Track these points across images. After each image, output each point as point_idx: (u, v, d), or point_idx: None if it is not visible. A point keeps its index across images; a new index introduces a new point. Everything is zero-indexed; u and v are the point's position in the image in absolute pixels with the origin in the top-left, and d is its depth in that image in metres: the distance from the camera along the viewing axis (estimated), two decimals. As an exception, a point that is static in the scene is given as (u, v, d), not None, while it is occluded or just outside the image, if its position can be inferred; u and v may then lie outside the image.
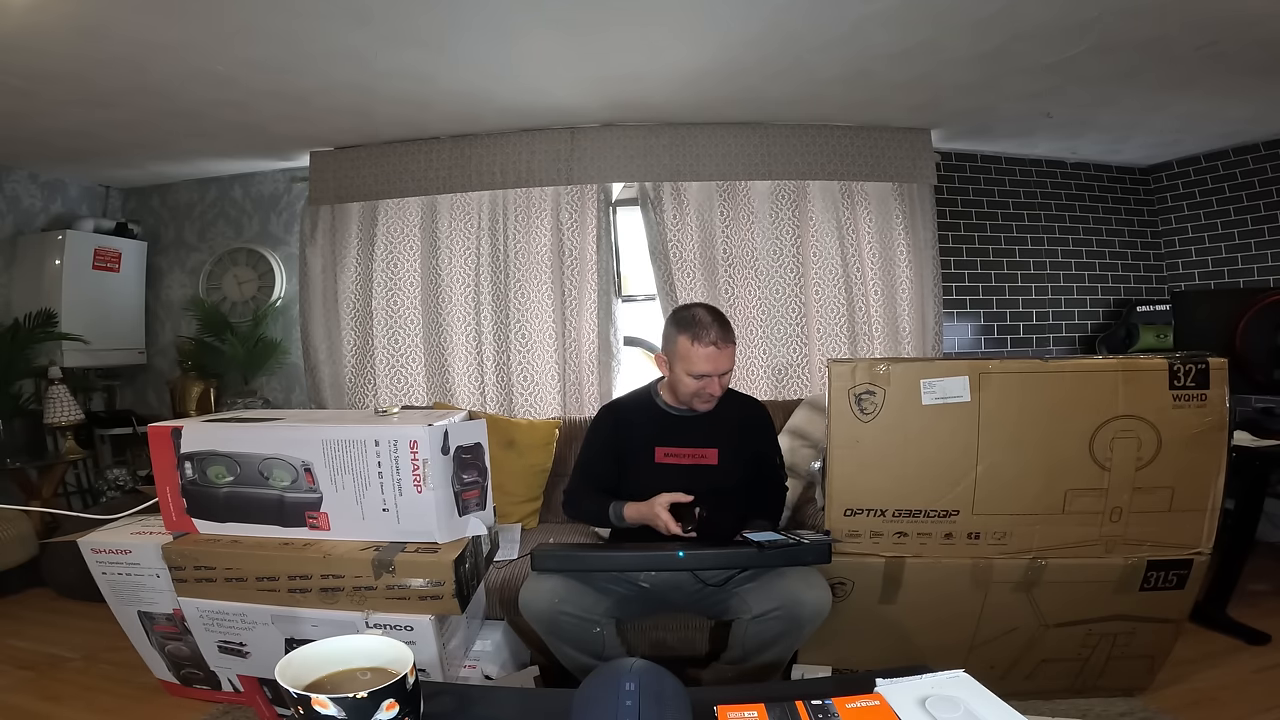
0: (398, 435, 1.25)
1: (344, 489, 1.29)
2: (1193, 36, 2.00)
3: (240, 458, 1.30)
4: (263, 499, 1.31)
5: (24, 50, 1.92)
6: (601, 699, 0.69)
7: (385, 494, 1.28)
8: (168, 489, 1.35)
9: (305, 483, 1.29)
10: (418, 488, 1.26)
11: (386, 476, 1.27)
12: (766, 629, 1.41)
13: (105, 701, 1.76)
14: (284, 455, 1.28)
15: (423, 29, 1.92)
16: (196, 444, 1.32)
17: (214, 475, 1.31)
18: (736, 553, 1.43)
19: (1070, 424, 1.45)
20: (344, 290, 3.03)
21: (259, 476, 1.30)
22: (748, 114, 2.76)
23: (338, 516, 1.30)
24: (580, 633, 1.43)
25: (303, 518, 1.31)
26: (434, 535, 1.30)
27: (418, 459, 1.25)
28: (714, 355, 1.58)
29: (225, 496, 1.32)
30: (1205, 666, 1.81)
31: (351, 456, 1.27)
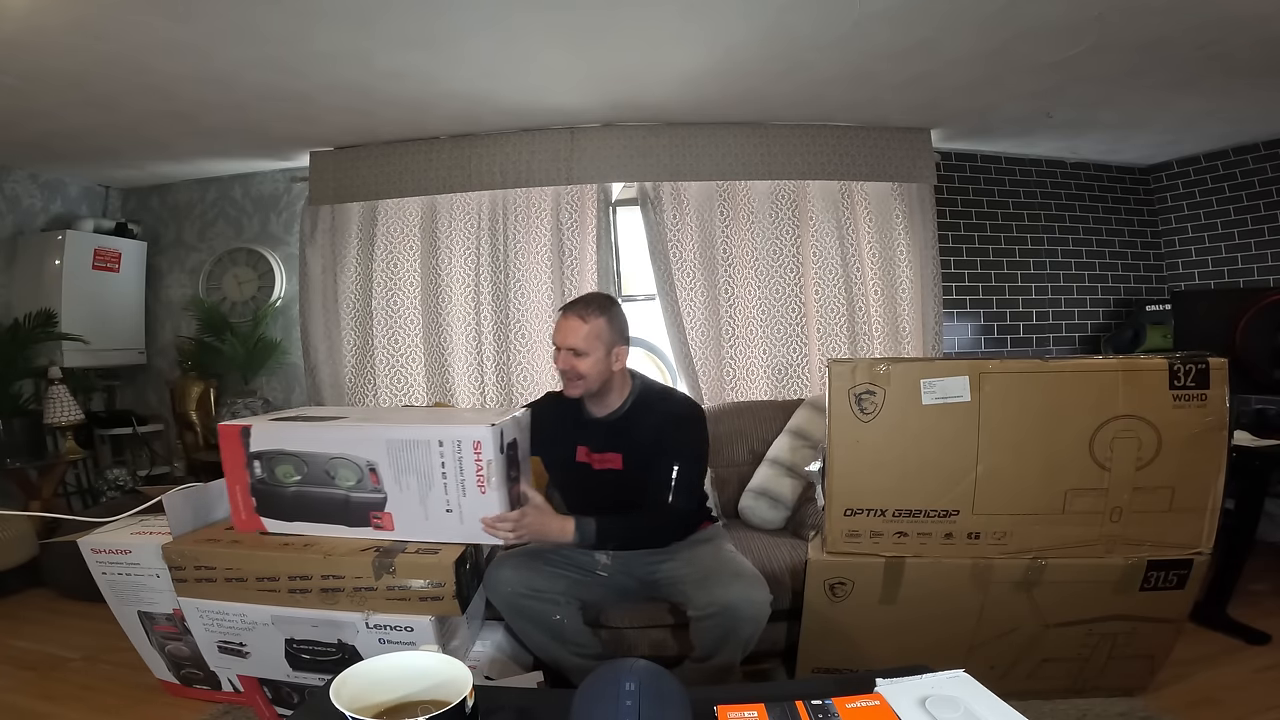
0: (461, 436, 1.23)
1: (408, 489, 1.27)
2: (1194, 36, 2.00)
3: (307, 457, 1.29)
4: (329, 498, 1.31)
5: (24, 50, 1.92)
6: (601, 699, 0.69)
7: (449, 494, 1.27)
8: (237, 488, 1.34)
9: (370, 483, 1.28)
10: (481, 488, 1.25)
11: (450, 477, 1.26)
12: (710, 631, 1.43)
13: (105, 701, 1.76)
14: (349, 455, 1.28)
15: (423, 30, 1.92)
16: (265, 443, 1.31)
17: (282, 474, 1.31)
18: None
19: (1070, 424, 1.44)
20: (344, 290, 3.03)
21: (325, 476, 1.29)
22: (748, 114, 2.76)
23: (402, 517, 1.30)
24: (541, 614, 1.50)
25: (367, 518, 1.30)
26: (491, 539, 1.30)
27: (481, 459, 1.24)
28: (559, 324, 1.52)
29: (292, 495, 1.32)
30: (1205, 666, 1.81)
31: (415, 457, 1.25)
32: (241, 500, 1.35)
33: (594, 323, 1.48)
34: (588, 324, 1.48)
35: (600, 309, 1.50)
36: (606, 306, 1.53)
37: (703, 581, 1.47)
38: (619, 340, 1.52)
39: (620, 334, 1.53)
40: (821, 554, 1.54)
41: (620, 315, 1.55)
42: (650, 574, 1.61)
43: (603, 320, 1.49)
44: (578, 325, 1.48)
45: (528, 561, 1.55)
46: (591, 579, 1.63)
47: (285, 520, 1.34)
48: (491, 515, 1.29)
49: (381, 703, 0.64)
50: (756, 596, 1.42)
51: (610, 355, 1.50)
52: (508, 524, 1.29)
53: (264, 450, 1.31)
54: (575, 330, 1.47)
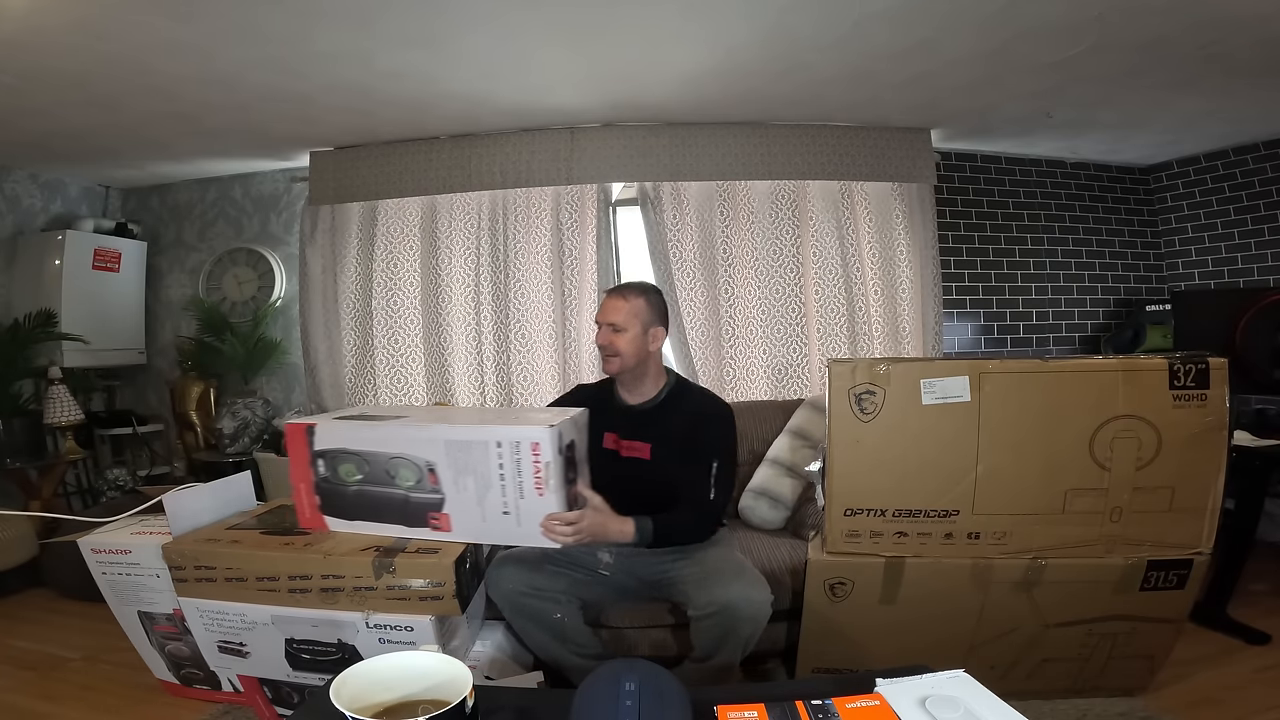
0: (520, 437, 1.22)
1: (465, 490, 1.27)
2: (1194, 36, 2.00)
3: (369, 456, 1.29)
4: (389, 498, 1.31)
5: (24, 50, 1.92)
6: (602, 699, 0.69)
7: (507, 496, 1.25)
8: (302, 486, 1.34)
9: (429, 483, 1.28)
10: (539, 490, 1.24)
11: (508, 479, 1.24)
12: (709, 630, 1.44)
13: (105, 701, 1.76)
14: (409, 455, 1.27)
15: (423, 30, 1.92)
16: (329, 442, 1.31)
17: (344, 473, 1.31)
18: None
19: (1070, 424, 1.45)
20: (344, 290, 3.03)
21: (386, 476, 1.29)
22: (748, 114, 2.76)
23: (459, 518, 1.29)
24: (542, 613, 1.51)
25: (425, 518, 1.30)
26: (548, 542, 1.28)
27: (540, 461, 1.22)
28: (603, 304, 1.64)
29: (354, 495, 1.32)
30: (1205, 666, 1.81)
31: (473, 458, 1.24)
32: (306, 498, 1.35)
33: (634, 301, 1.59)
34: (628, 302, 1.59)
35: (641, 292, 1.62)
36: (647, 290, 1.65)
37: (703, 581, 1.48)
38: (656, 321, 1.61)
39: (657, 316, 1.62)
40: (821, 554, 1.55)
41: (659, 300, 1.65)
42: (652, 574, 1.61)
43: (641, 300, 1.60)
44: (619, 303, 1.59)
45: (530, 560, 1.56)
46: (593, 578, 1.63)
47: (347, 519, 1.34)
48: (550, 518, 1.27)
49: (381, 703, 0.64)
50: (756, 596, 1.43)
51: (647, 334, 1.58)
52: (568, 526, 1.28)
53: (328, 449, 1.31)
54: (617, 308, 1.58)
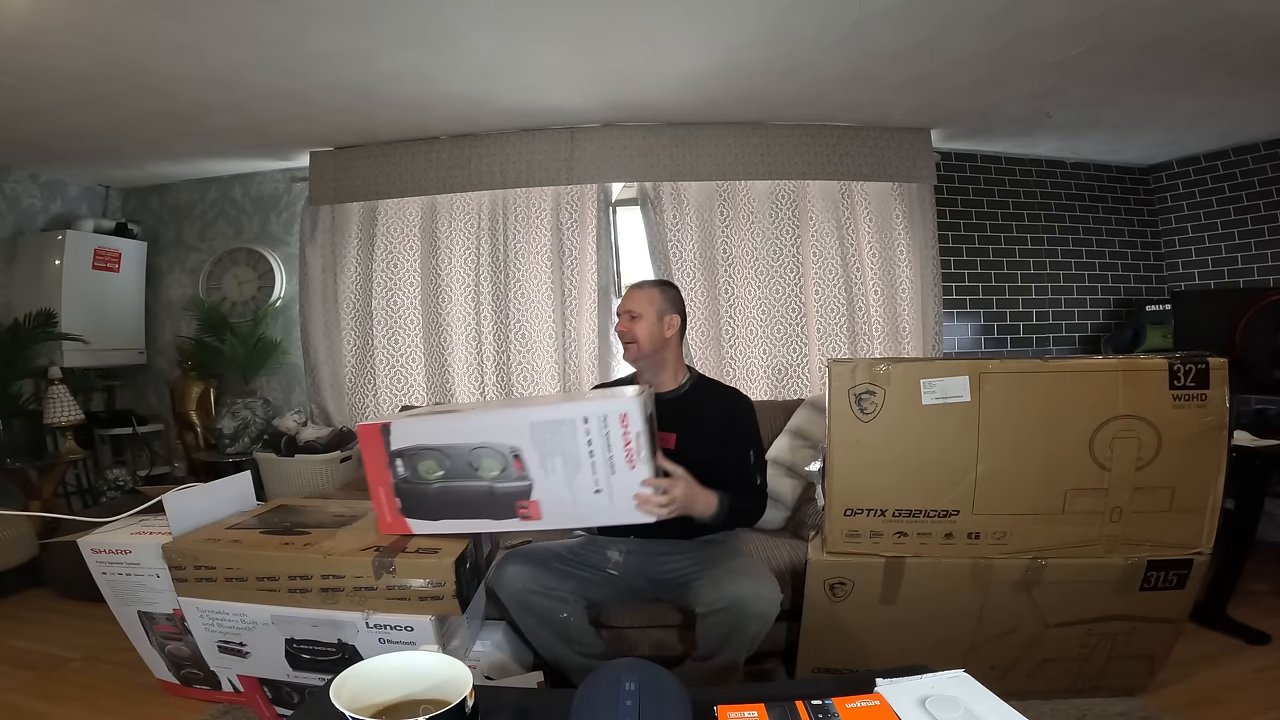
0: (608, 410, 1.18)
1: (554, 473, 1.22)
2: (1195, 36, 2.00)
3: (450, 450, 1.24)
4: (473, 492, 1.25)
5: (25, 51, 1.92)
6: (601, 699, 0.69)
7: (597, 474, 1.21)
8: (381, 490, 1.29)
9: (514, 470, 1.22)
10: (630, 463, 1.19)
11: (598, 455, 1.20)
12: (716, 627, 1.44)
13: (105, 701, 1.76)
14: (492, 443, 1.22)
15: (423, 29, 1.92)
16: (407, 439, 1.26)
17: (425, 471, 1.26)
18: None
19: (1070, 424, 1.44)
20: (344, 290, 3.03)
21: (468, 469, 1.24)
22: (748, 114, 2.76)
23: (549, 503, 1.24)
24: (548, 612, 1.51)
25: (513, 508, 1.25)
26: (643, 517, 1.24)
27: (629, 433, 1.18)
28: (627, 293, 1.72)
29: (436, 493, 1.27)
30: (1205, 666, 1.81)
31: (560, 438, 1.20)
32: (386, 502, 1.30)
33: (648, 291, 1.68)
34: (643, 291, 1.68)
35: (656, 284, 1.72)
36: (662, 283, 1.74)
37: (713, 577, 1.48)
38: (670, 309, 1.66)
39: (671, 305, 1.68)
40: (821, 554, 1.54)
41: (674, 293, 1.73)
42: (661, 573, 1.62)
43: (656, 290, 1.69)
44: (636, 293, 1.68)
45: (538, 558, 1.56)
46: (601, 578, 1.64)
47: (431, 520, 1.30)
48: (643, 490, 1.24)
49: (381, 703, 0.64)
50: (766, 593, 1.43)
51: (662, 321, 1.64)
52: (663, 495, 1.25)
53: (405, 448, 1.25)
54: (634, 297, 1.67)
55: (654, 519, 1.26)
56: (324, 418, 3.05)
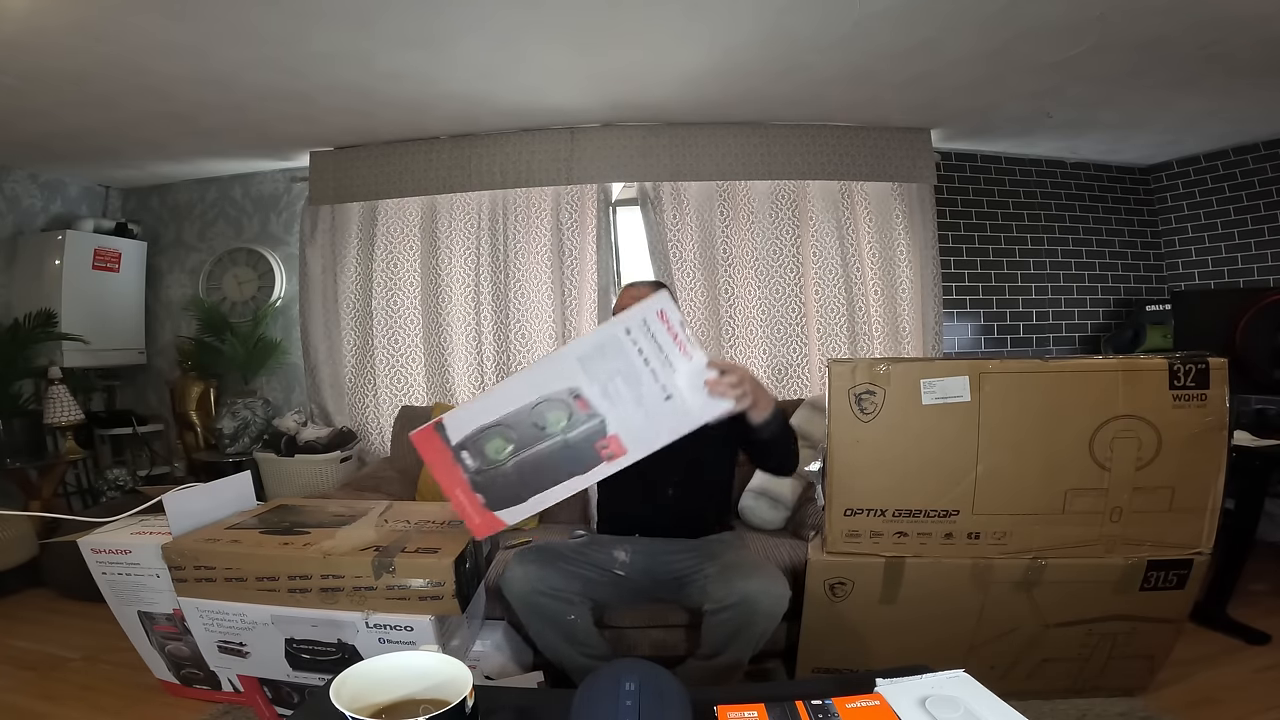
0: (644, 312, 1.14)
1: (619, 397, 1.16)
2: (1194, 36, 2.00)
3: (510, 420, 1.17)
4: (548, 453, 1.18)
5: (24, 51, 1.92)
6: (601, 699, 0.69)
7: (660, 378, 1.16)
8: (458, 492, 1.20)
9: (580, 411, 1.16)
10: (686, 353, 1.15)
11: (653, 358, 1.15)
12: (724, 625, 1.44)
13: (105, 701, 1.76)
14: (548, 394, 1.16)
15: (423, 30, 1.92)
16: (464, 427, 1.18)
17: (493, 452, 1.17)
18: None
19: (1070, 424, 1.44)
20: (344, 290, 3.03)
21: (535, 430, 1.16)
22: (748, 113, 2.76)
23: (626, 430, 1.17)
24: (557, 614, 1.51)
25: (595, 452, 1.18)
26: (718, 408, 1.18)
27: (672, 325, 1.14)
28: (623, 292, 1.76)
29: (513, 470, 1.18)
30: (1205, 666, 1.81)
31: (611, 358, 1.15)
32: (468, 502, 1.21)
33: (641, 289, 1.69)
34: (636, 289, 1.71)
35: (651, 285, 1.72)
36: (657, 285, 1.73)
37: (722, 574, 1.48)
38: None
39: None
40: (821, 554, 1.54)
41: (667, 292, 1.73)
42: (668, 573, 1.62)
43: (647, 288, 1.68)
44: (632, 292, 1.70)
45: (546, 559, 1.56)
46: (607, 578, 1.63)
47: (519, 503, 1.21)
48: (710, 374, 1.18)
49: (381, 703, 0.64)
50: (776, 590, 1.43)
51: None
52: (732, 375, 1.19)
53: (466, 435, 1.18)
54: (633, 295, 1.67)
55: (733, 406, 1.20)
56: (324, 418, 3.05)
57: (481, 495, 1.21)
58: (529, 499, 1.21)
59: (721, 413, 1.19)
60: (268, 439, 2.94)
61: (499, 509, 1.21)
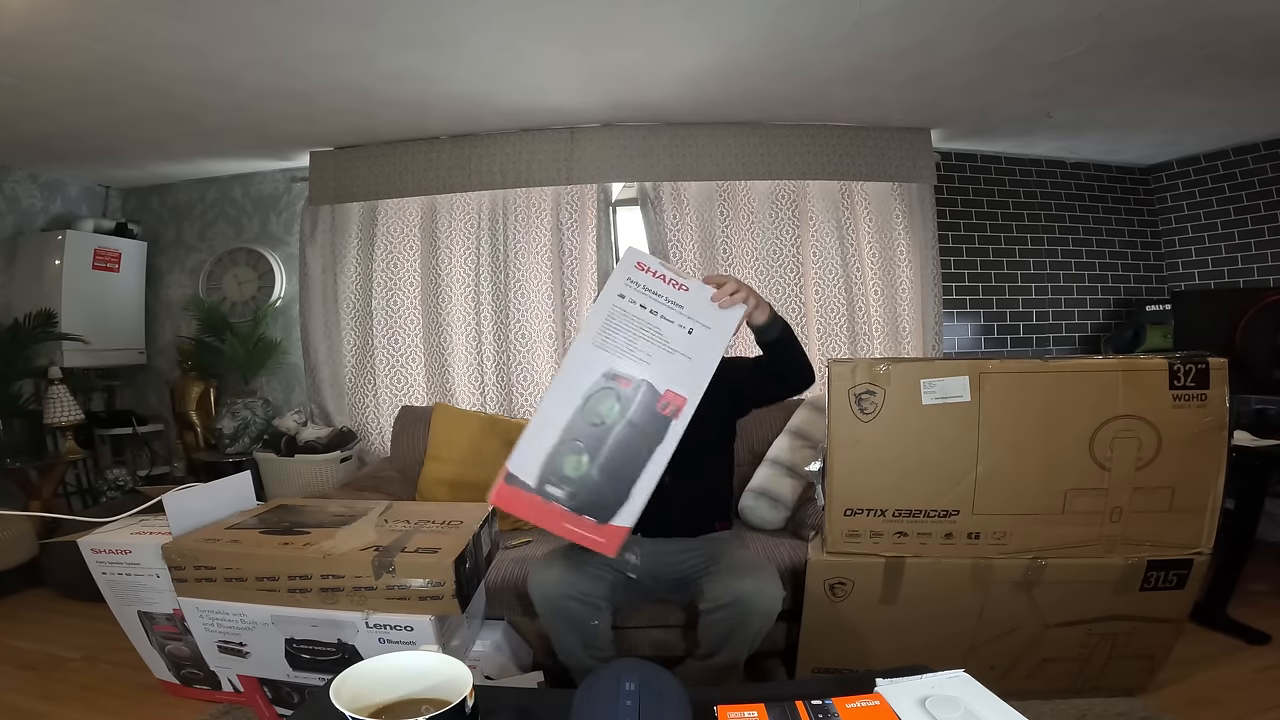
0: (625, 272, 1.15)
1: (650, 356, 1.16)
2: (1193, 36, 2.00)
3: (569, 432, 1.15)
4: (622, 441, 1.15)
5: (24, 51, 1.92)
6: (601, 699, 0.69)
7: (674, 319, 1.16)
8: (564, 524, 1.17)
9: (624, 389, 1.15)
10: (682, 288, 1.16)
11: (658, 307, 1.16)
12: (719, 624, 1.44)
13: (105, 701, 1.76)
14: (588, 389, 1.15)
15: (423, 30, 1.92)
16: (531, 462, 1.16)
17: (572, 470, 1.16)
18: None
19: (1070, 424, 1.45)
20: (344, 290, 3.03)
21: (597, 428, 1.14)
22: (748, 113, 2.76)
23: (675, 381, 1.16)
24: (583, 618, 1.50)
25: (660, 417, 1.16)
26: (735, 316, 1.20)
27: (656, 270, 1.16)
28: None
29: (601, 475, 1.15)
30: (1205, 666, 1.81)
31: (620, 327, 1.15)
32: (581, 529, 1.18)
33: None
34: None
35: None
36: None
37: (718, 573, 1.49)
38: None
39: None
40: (821, 554, 1.54)
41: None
42: (672, 573, 1.62)
43: None
44: None
45: (572, 563, 1.55)
46: (622, 580, 1.63)
47: (626, 501, 1.18)
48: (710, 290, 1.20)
49: (381, 703, 0.64)
50: (770, 589, 1.44)
51: None
52: (729, 283, 1.21)
53: (539, 470, 1.16)
54: None
55: (745, 309, 1.21)
56: (324, 418, 3.05)
57: (589, 515, 1.17)
58: (631, 493, 1.18)
59: (740, 319, 1.21)
60: (268, 439, 2.94)
61: (611, 518, 1.18)
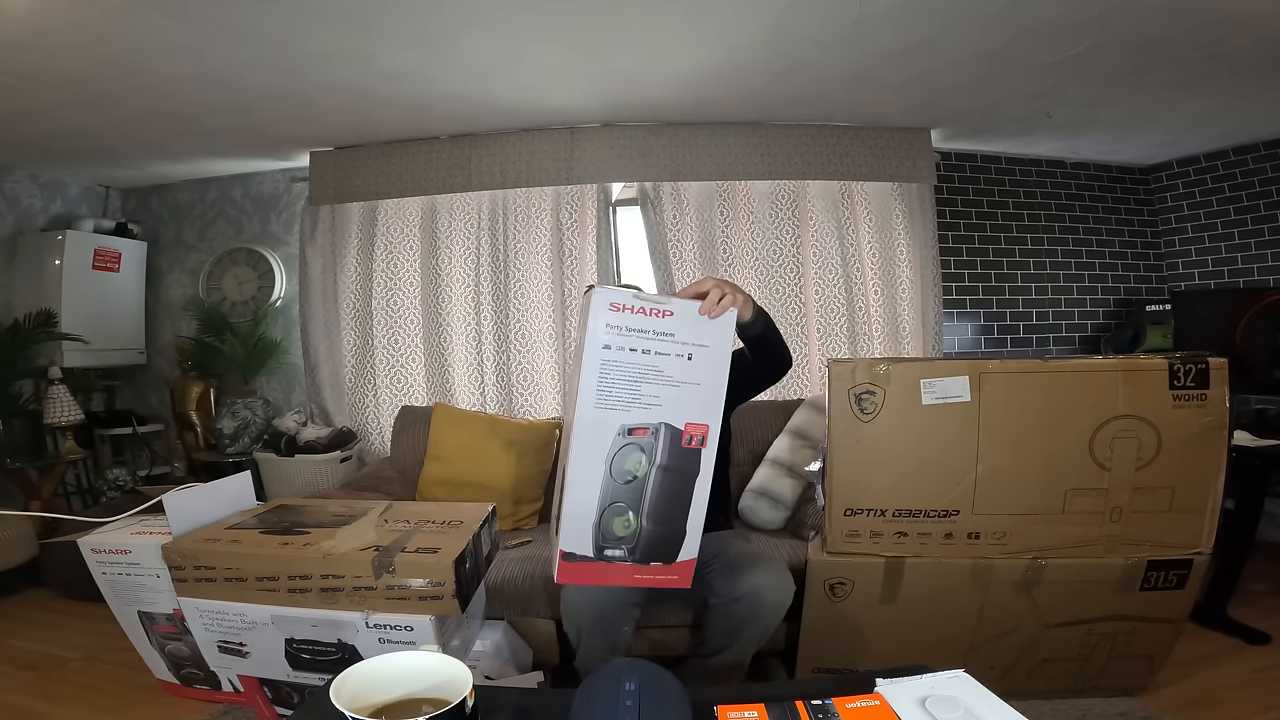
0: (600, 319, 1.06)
1: (658, 396, 1.09)
2: (1194, 36, 2.00)
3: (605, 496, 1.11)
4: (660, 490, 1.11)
5: (25, 51, 1.92)
6: (601, 699, 0.69)
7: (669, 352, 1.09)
8: (635, 576, 1.15)
9: (644, 437, 1.10)
10: (666, 314, 1.08)
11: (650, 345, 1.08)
12: (729, 619, 1.44)
13: (105, 701, 1.76)
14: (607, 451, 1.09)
15: (422, 30, 1.92)
16: (581, 535, 1.12)
17: (623, 529, 1.12)
18: None
19: (1070, 424, 1.44)
20: (344, 290, 3.03)
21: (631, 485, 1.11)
22: (748, 113, 2.76)
23: (691, 412, 1.11)
24: (616, 624, 1.48)
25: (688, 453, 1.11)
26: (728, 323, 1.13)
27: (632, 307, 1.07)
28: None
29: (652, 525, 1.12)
30: (1205, 666, 1.81)
31: (616, 379, 1.08)
32: (652, 575, 1.16)
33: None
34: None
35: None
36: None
37: (729, 568, 1.48)
38: None
39: None
40: (821, 554, 1.54)
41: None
42: None
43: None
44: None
45: None
46: None
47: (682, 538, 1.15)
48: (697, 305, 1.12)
49: (381, 702, 0.64)
50: (783, 582, 1.44)
51: None
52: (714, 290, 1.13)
53: (592, 539, 1.12)
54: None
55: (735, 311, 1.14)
56: (324, 418, 3.05)
57: (655, 560, 1.16)
58: (687, 528, 1.15)
59: (733, 324, 1.13)
60: (268, 439, 2.94)
61: (676, 557, 1.17)
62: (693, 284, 1.15)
